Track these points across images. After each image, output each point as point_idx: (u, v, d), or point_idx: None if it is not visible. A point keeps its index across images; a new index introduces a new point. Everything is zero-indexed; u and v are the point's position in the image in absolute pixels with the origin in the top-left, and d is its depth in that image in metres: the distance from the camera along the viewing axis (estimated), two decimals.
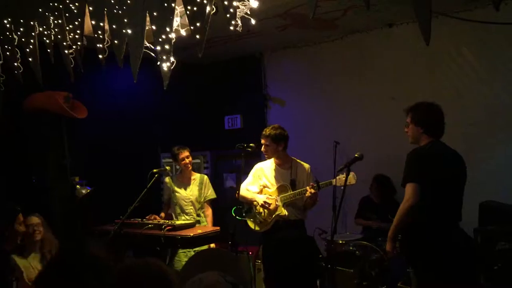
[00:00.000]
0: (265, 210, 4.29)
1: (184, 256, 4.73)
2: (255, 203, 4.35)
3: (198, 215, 4.96)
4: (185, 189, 4.99)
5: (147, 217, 4.45)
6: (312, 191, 4.05)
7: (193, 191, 4.99)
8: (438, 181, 3.21)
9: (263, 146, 4.34)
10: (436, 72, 5.21)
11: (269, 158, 4.43)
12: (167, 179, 5.08)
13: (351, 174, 3.89)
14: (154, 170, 4.12)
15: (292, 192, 4.24)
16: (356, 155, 3.53)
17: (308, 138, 5.92)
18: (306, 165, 4.46)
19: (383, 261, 4.63)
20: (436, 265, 3.20)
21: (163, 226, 4.01)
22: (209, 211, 5.09)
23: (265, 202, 4.24)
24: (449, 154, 3.37)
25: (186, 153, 4.91)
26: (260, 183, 4.42)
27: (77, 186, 4.74)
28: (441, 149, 3.36)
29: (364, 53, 5.74)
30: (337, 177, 3.84)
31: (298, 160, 4.46)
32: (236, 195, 4.27)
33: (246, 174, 4.51)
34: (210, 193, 5.10)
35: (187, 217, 4.89)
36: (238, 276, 1.61)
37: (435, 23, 2.38)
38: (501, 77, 4.85)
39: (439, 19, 4.82)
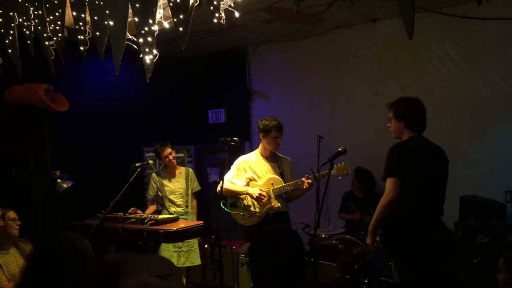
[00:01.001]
0: (255, 203, 4.26)
1: (172, 245, 4.81)
2: (243, 196, 4.32)
3: (187, 206, 5.08)
4: (174, 182, 5.10)
5: (129, 211, 4.40)
6: (310, 181, 4.06)
7: (182, 184, 5.11)
8: (419, 175, 3.24)
9: (280, 139, 4.30)
10: (419, 67, 5.26)
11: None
12: (154, 175, 5.14)
13: (345, 164, 3.93)
14: (137, 164, 4.08)
15: (286, 184, 4.25)
16: (339, 150, 3.54)
17: (292, 133, 5.90)
18: (288, 158, 4.50)
19: (365, 254, 4.67)
20: (416, 259, 3.22)
21: (145, 221, 3.98)
22: (195, 203, 5.25)
23: (260, 194, 4.21)
24: (431, 148, 3.40)
25: (168, 150, 4.98)
26: (246, 176, 4.38)
27: (58, 180, 4.68)
28: (422, 143, 3.38)
29: (348, 48, 5.76)
30: (334, 166, 3.84)
31: (279, 154, 4.48)
32: (218, 189, 4.16)
33: (229, 168, 4.49)
34: (196, 185, 5.23)
35: (178, 209, 5.00)
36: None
37: (418, 18, 2.38)
38: (482, 73, 4.91)
39: (422, 14, 4.86)
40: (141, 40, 2.90)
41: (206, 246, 5.42)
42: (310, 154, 4.75)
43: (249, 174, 4.38)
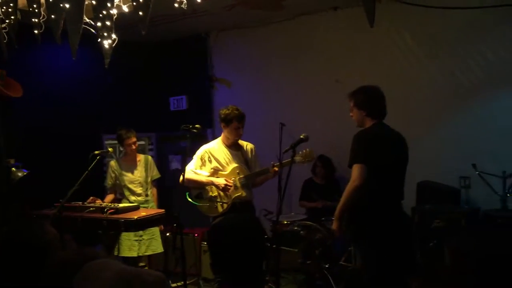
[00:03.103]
0: (222, 193, 4.20)
1: (133, 234, 4.72)
2: (208, 187, 4.22)
3: (147, 195, 4.98)
4: (133, 171, 4.97)
5: (88, 200, 4.31)
6: (276, 169, 4.00)
7: (141, 172, 4.99)
8: (382, 161, 3.30)
9: (241, 129, 4.22)
10: (379, 55, 5.34)
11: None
12: (112, 163, 4.98)
13: (310, 150, 3.96)
14: (96, 152, 3.97)
15: (252, 173, 4.20)
16: (301, 137, 3.56)
17: (254, 119, 5.88)
18: (251, 145, 4.44)
19: (326, 240, 4.76)
20: (377, 243, 3.30)
21: (105, 210, 3.90)
22: (155, 191, 5.14)
23: (226, 185, 4.12)
24: (392, 135, 3.47)
25: (133, 138, 4.85)
26: (210, 165, 4.27)
27: (13, 168, 4.52)
28: (384, 130, 3.44)
29: (310, 36, 5.78)
30: (299, 153, 3.82)
31: (242, 141, 4.41)
32: (180, 180, 4.07)
33: (191, 156, 4.43)
34: (156, 173, 5.12)
35: (138, 198, 4.89)
36: None
37: (379, 7, 2.42)
38: (439, 62, 5.03)
39: (383, 3, 4.94)
40: (99, 24, 2.82)
41: (168, 234, 5.37)
42: (272, 141, 4.76)
43: (213, 164, 4.27)
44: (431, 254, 4.31)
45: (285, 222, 5.02)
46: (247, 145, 4.41)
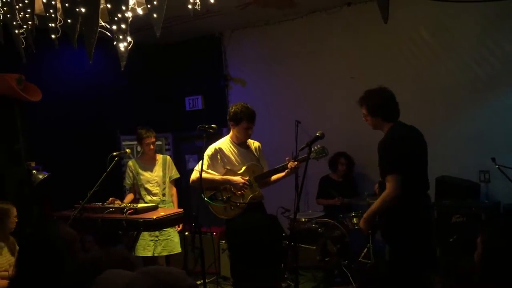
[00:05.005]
0: (238, 193, 3.96)
1: (148, 234, 4.71)
2: (223, 187, 4.01)
3: (164, 195, 4.95)
4: (150, 170, 4.96)
5: (108, 201, 4.36)
6: (296, 163, 3.80)
7: (158, 172, 4.97)
8: (413, 165, 3.27)
9: (251, 130, 4.01)
10: (394, 51, 5.29)
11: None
12: (130, 163, 5.00)
13: (322, 146, 3.88)
14: (114, 153, 4.01)
15: (268, 170, 4.03)
16: (317, 134, 3.55)
17: (270, 118, 5.93)
18: (257, 143, 4.23)
19: (344, 237, 4.75)
20: (409, 241, 3.25)
21: (125, 210, 3.94)
22: (174, 191, 5.10)
23: (243, 183, 3.90)
24: (414, 134, 3.41)
25: (152, 138, 4.85)
26: (223, 164, 4.05)
27: (33, 171, 4.59)
28: (406, 132, 3.38)
29: (323, 33, 5.76)
30: (312, 150, 3.70)
31: (248, 139, 4.20)
32: (192, 178, 3.96)
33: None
34: (175, 173, 5.09)
35: (154, 198, 4.88)
36: None
37: (393, 2, 2.40)
38: (456, 56, 4.97)
39: None
40: (114, 27, 2.85)
41: (186, 233, 5.41)
42: (288, 139, 4.78)
43: (225, 162, 4.05)
44: (451, 249, 4.27)
45: (303, 220, 5.02)
46: (253, 143, 4.20)
